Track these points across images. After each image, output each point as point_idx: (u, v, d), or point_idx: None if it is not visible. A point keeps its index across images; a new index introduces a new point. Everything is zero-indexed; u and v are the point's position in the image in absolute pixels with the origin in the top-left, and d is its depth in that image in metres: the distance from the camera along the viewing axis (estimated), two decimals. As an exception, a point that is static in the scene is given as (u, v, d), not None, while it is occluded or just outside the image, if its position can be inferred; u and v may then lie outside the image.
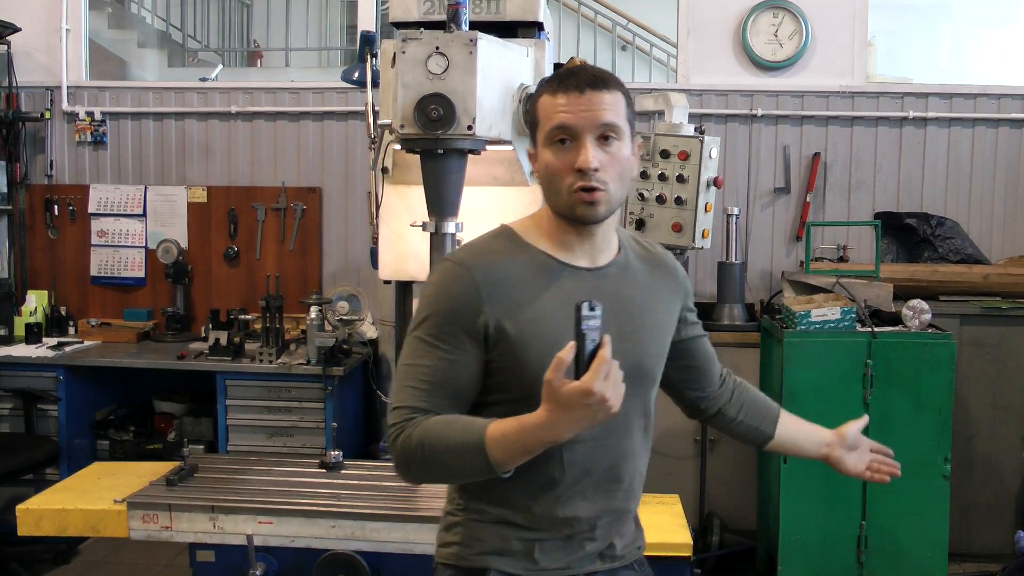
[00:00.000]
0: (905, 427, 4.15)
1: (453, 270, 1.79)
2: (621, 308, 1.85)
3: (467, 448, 1.68)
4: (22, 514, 3.21)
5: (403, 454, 1.74)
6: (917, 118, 5.27)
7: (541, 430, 1.64)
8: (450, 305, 1.76)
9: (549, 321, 1.76)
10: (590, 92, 1.75)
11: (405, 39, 2.59)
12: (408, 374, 1.78)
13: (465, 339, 1.76)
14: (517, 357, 1.75)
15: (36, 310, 5.46)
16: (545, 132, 1.78)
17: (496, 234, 1.87)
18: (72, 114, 5.62)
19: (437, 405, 1.76)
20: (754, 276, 5.31)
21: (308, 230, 5.47)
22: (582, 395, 1.57)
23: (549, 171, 1.78)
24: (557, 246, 1.84)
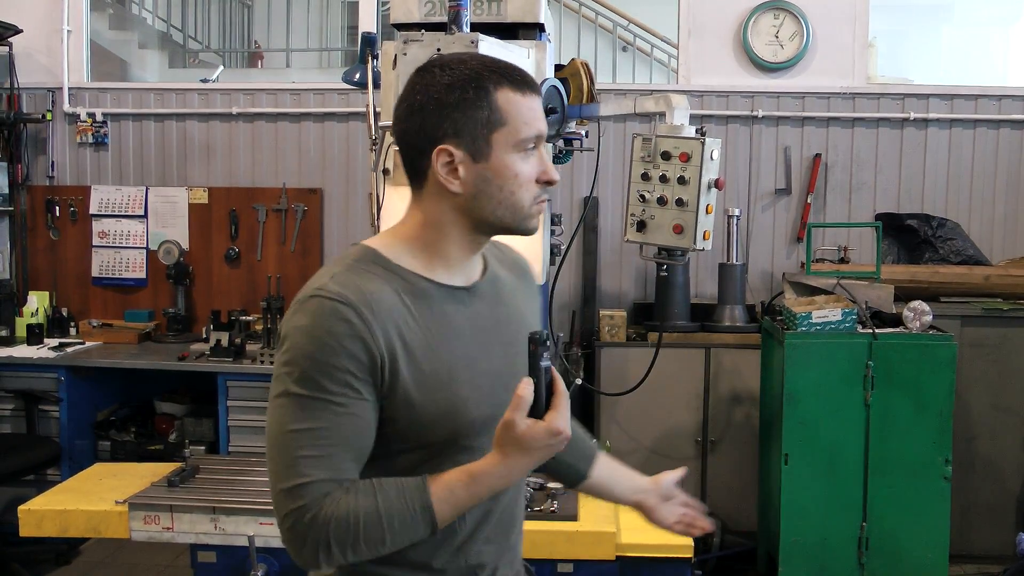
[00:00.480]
0: (906, 428, 4.15)
1: (329, 307, 1.48)
2: (503, 328, 1.67)
3: (411, 514, 1.48)
4: (24, 515, 3.21)
5: (324, 539, 1.46)
6: (918, 119, 5.28)
7: (496, 478, 1.49)
8: (338, 351, 1.46)
9: (442, 355, 1.55)
10: (539, 99, 1.61)
11: (406, 41, 2.59)
12: (298, 442, 1.46)
13: (360, 386, 1.48)
14: (412, 403, 1.52)
15: (37, 311, 5.46)
16: (520, 137, 1.56)
17: (360, 257, 1.58)
18: (73, 115, 5.63)
19: (343, 471, 1.48)
20: (755, 277, 5.31)
21: (309, 231, 5.48)
22: (550, 435, 1.45)
23: (519, 180, 1.56)
24: (431, 264, 1.60)
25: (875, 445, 4.15)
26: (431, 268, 1.60)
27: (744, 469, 4.83)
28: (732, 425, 4.85)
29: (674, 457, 4.84)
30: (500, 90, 1.55)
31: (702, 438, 4.84)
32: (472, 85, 1.55)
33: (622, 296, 5.40)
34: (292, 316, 1.51)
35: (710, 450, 4.84)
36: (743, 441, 4.83)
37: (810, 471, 4.18)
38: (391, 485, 1.49)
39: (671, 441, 4.84)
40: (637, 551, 2.95)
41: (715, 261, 5.02)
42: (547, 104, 2.87)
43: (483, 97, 1.55)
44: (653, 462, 4.84)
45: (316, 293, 1.50)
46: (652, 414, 4.79)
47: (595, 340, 4.89)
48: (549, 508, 2.97)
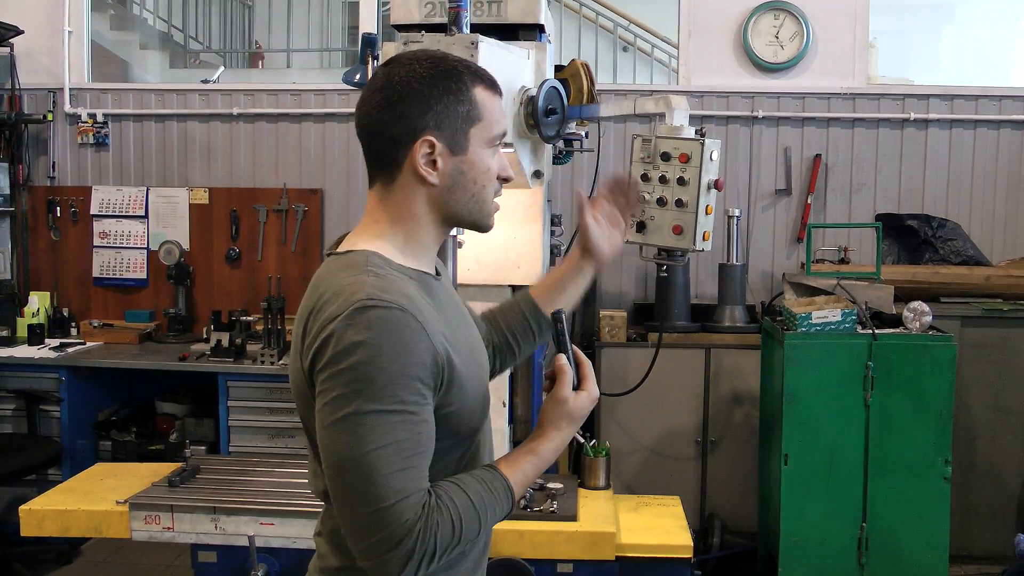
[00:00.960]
0: (906, 429, 4.14)
1: (391, 317, 1.44)
2: (464, 308, 1.78)
3: (498, 502, 1.55)
4: (25, 515, 3.21)
5: (429, 547, 1.45)
6: (918, 120, 5.28)
7: (555, 450, 1.62)
8: (405, 359, 1.44)
9: (463, 343, 1.61)
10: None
11: (406, 42, 2.60)
12: (383, 460, 1.42)
13: (426, 391, 1.47)
14: (467, 393, 1.56)
15: (38, 311, 5.47)
16: (491, 133, 1.62)
17: (378, 264, 1.55)
18: (74, 116, 5.63)
19: (427, 478, 1.49)
20: (755, 278, 5.31)
21: (310, 231, 5.48)
22: (592, 402, 1.61)
23: (488, 176, 1.63)
24: (413, 255, 1.63)
25: (875, 446, 4.16)
26: (417, 261, 1.63)
27: (744, 469, 4.83)
28: (732, 425, 4.85)
29: (674, 457, 4.85)
30: (476, 87, 1.60)
31: (702, 438, 4.84)
32: (453, 80, 1.58)
33: (622, 296, 5.40)
34: (344, 331, 1.44)
35: (710, 450, 4.85)
36: (743, 441, 4.84)
37: (810, 471, 4.18)
38: (470, 479, 1.55)
39: (671, 441, 4.84)
40: (637, 551, 2.96)
41: (715, 261, 5.03)
42: (547, 105, 2.88)
43: (464, 92, 1.58)
44: (653, 462, 4.85)
45: (368, 304, 1.44)
46: (652, 414, 4.79)
47: (595, 340, 4.89)
48: (549, 508, 2.97)
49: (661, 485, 4.68)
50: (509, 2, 3.16)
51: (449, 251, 2.64)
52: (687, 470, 4.85)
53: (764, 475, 4.65)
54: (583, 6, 8.35)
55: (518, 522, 2.90)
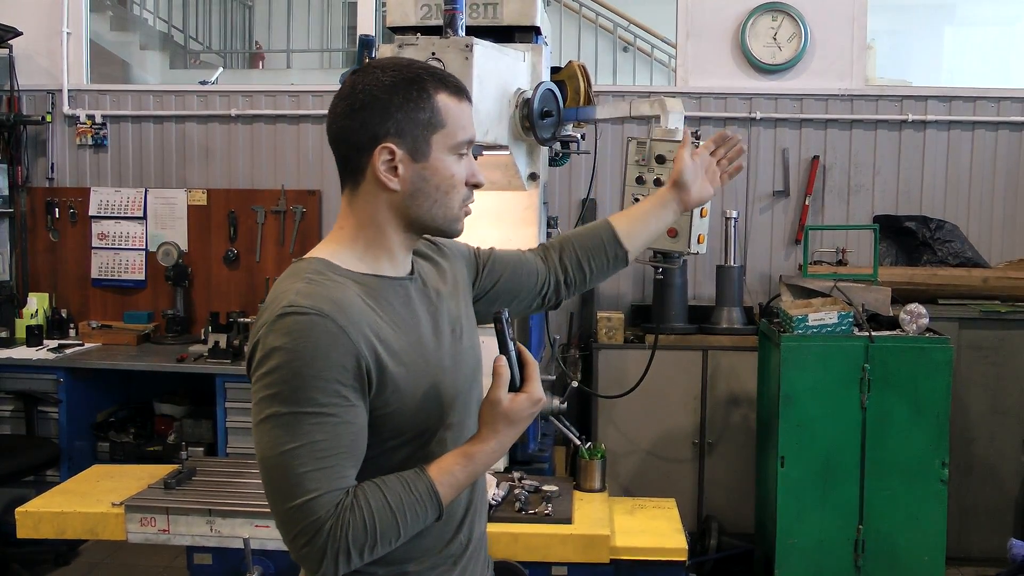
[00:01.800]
0: (903, 431, 4.15)
1: (307, 322, 1.49)
2: (439, 307, 1.73)
3: (418, 502, 1.53)
4: (21, 517, 3.21)
5: (341, 546, 1.48)
6: (916, 121, 5.28)
7: (490, 454, 1.58)
8: (322, 363, 1.48)
9: (414, 346, 1.61)
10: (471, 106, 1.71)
11: (402, 45, 2.60)
12: (296, 459, 1.47)
13: (350, 394, 1.51)
14: (406, 394, 1.57)
15: (37, 312, 5.48)
16: (457, 140, 1.63)
17: (316, 270, 1.59)
18: (73, 117, 5.64)
19: (348, 479, 1.52)
20: (753, 279, 5.31)
21: (308, 233, 5.49)
22: (532, 404, 1.57)
23: (453, 182, 1.64)
24: (375, 261, 1.65)
25: (872, 448, 4.16)
26: (377, 265, 1.65)
27: (741, 471, 4.83)
28: (729, 427, 4.86)
29: (671, 459, 4.85)
30: (439, 94, 1.62)
31: (699, 440, 4.84)
32: (415, 87, 1.61)
33: (620, 298, 5.40)
34: (266, 336, 1.50)
35: (707, 452, 4.85)
36: (740, 443, 4.84)
37: (807, 473, 4.19)
38: (393, 480, 1.54)
39: (668, 443, 4.84)
40: (632, 554, 2.96)
41: (713, 263, 5.03)
42: (543, 107, 2.88)
43: (425, 99, 1.61)
44: (650, 464, 4.85)
45: (288, 311, 1.50)
46: (650, 416, 4.79)
47: (593, 342, 4.90)
48: (544, 511, 2.97)
49: (658, 487, 4.68)
50: (505, 4, 3.16)
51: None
52: (684, 472, 4.85)
53: (761, 477, 4.65)
54: (583, 6, 8.36)
55: (513, 524, 2.90)
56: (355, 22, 6.63)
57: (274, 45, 8.81)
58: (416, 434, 1.61)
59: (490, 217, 3.02)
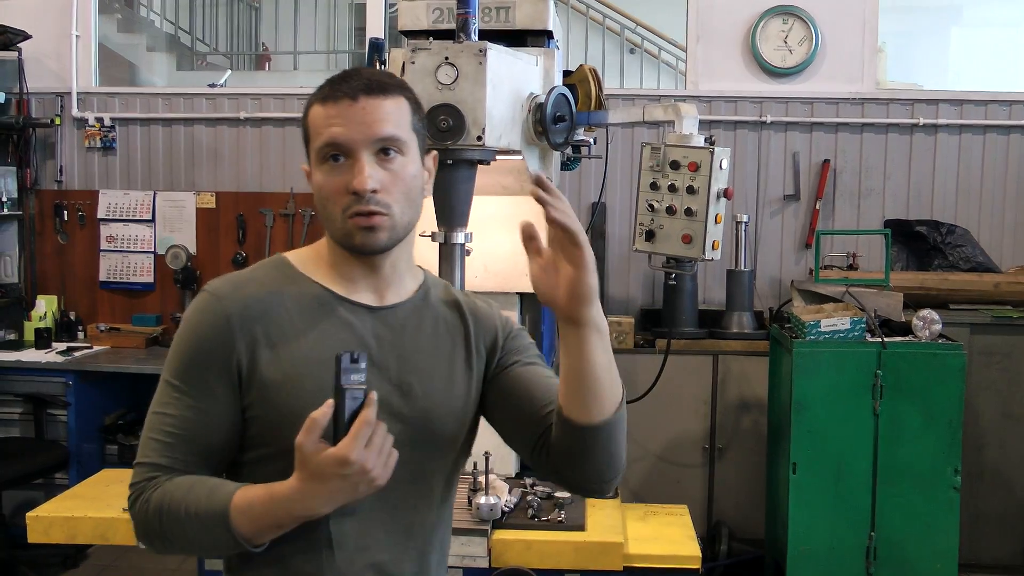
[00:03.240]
0: (915, 438, 4.13)
1: (204, 301, 1.53)
2: (405, 356, 1.58)
3: (210, 518, 1.43)
4: (32, 521, 3.20)
5: (141, 521, 1.47)
6: (927, 125, 5.25)
7: (292, 502, 1.40)
8: (197, 343, 1.50)
9: (315, 364, 1.49)
10: (365, 100, 1.51)
11: (415, 49, 2.59)
12: (152, 424, 1.51)
13: (215, 383, 1.49)
14: (274, 404, 1.49)
15: (46, 315, 5.47)
16: (315, 149, 1.53)
17: (265, 262, 1.63)
18: (82, 120, 5.64)
19: (183, 463, 1.48)
20: (763, 284, 5.29)
21: (317, 236, 5.31)
22: (337, 464, 1.35)
23: (322, 194, 1.53)
24: (336, 278, 1.59)
25: (884, 454, 4.14)
26: (334, 280, 1.59)
27: (752, 477, 4.81)
28: (740, 432, 4.84)
29: (681, 464, 4.83)
30: (313, 106, 1.55)
31: (710, 445, 4.83)
32: (307, 103, 1.58)
33: (630, 302, 5.39)
34: (188, 306, 1.58)
35: (718, 457, 4.83)
36: (751, 449, 4.82)
37: (818, 480, 4.17)
38: (208, 485, 1.46)
39: (679, 448, 4.83)
40: (644, 562, 2.94)
41: (723, 268, 5.01)
42: (556, 112, 2.87)
43: (305, 115, 1.58)
44: (661, 469, 4.83)
45: (204, 288, 1.56)
46: (660, 421, 4.78)
47: (603, 346, 4.87)
48: (556, 518, 2.96)
49: (668, 492, 4.67)
50: (517, 8, 3.15)
51: (456, 259, 2.64)
52: (694, 477, 4.84)
53: (772, 483, 4.63)
54: (590, 8, 8.35)
55: (525, 532, 2.89)
56: (362, 23, 6.63)
57: (280, 47, 8.81)
58: (281, 451, 1.45)
59: (502, 222, 3.00)
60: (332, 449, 1.35)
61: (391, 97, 1.53)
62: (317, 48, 8.65)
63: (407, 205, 1.55)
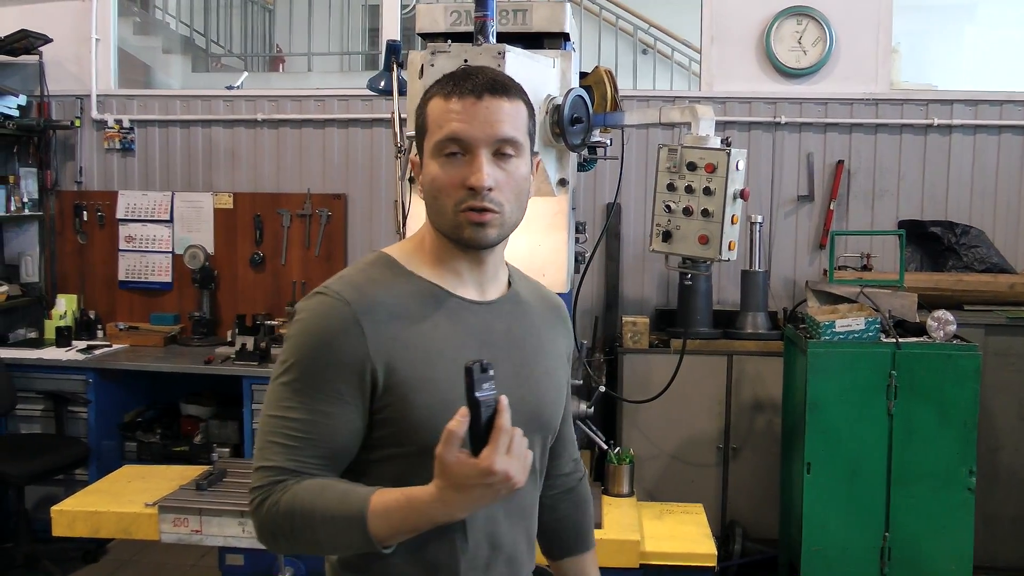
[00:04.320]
0: (929, 439, 4.14)
1: (328, 304, 1.52)
2: (515, 349, 1.63)
3: (345, 520, 1.43)
4: (56, 515, 3.26)
5: (269, 523, 1.48)
6: (942, 125, 5.26)
7: (433, 510, 1.40)
8: (325, 346, 1.49)
9: (444, 362, 1.52)
10: (489, 99, 1.53)
11: (434, 52, 2.62)
12: (273, 427, 1.51)
13: (344, 388, 1.50)
14: (413, 405, 1.50)
15: (66, 314, 5.54)
16: (434, 141, 1.54)
17: (372, 262, 1.62)
18: (101, 122, 5.70)
19: (308, 465, 1.50)
20: (777, 284, 5.31)
21: (333, 236, 5.52)
22: (481, 475, 1.35)
23: (435, 186, 1.54)
24: (442, 273, 1.60)
25: (898, 455, 4.15)
26: (440, 276, 1.60)
27: (766, 477, 4.83)
28: (754, 432, 4.86)
29: (696, 464, 4.85)
30: (433, 99, 1.57)
31: (724, 445, 4.85)
32: (424, 94, 1.61)
33: (645, 302, 5.41)
34: (298, 311, 1.56)
35: (732, 457, 4.85)
36: (765, 448, 4.84)
37: (832, 480, 4.18)
38: (339, 489, 1.47)
39: (693, 448, 4.85)
40: (660, 559, 2.97)
41: (738, 268, 5.03)
42: (573, 114, 2.89)
43: (423, 107, 1.60)
44: (675, 469, 4.85)
45: (319, 291, 1.54)
46: (674, 421, 4.80)
47: (618, 346, 4.90)
48: (573, 516, 2.98)
49: (682, 491, 4.69)
50: (534, 11, 3.18)
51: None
52: (708, 477, 4.86)
53: (786, 483, 4.64)
54: (603, 9, 8.36)
55: (543, 529, 2.92)
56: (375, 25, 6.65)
57: (294, 48, 8.85)
58: (412, 452, 1.51)
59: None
60: (475, 460, 1.35)
61: (512, 99, 1.56)
62: (331, 50, 8.69)
63: (516, 205, 1.58)
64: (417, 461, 1.48)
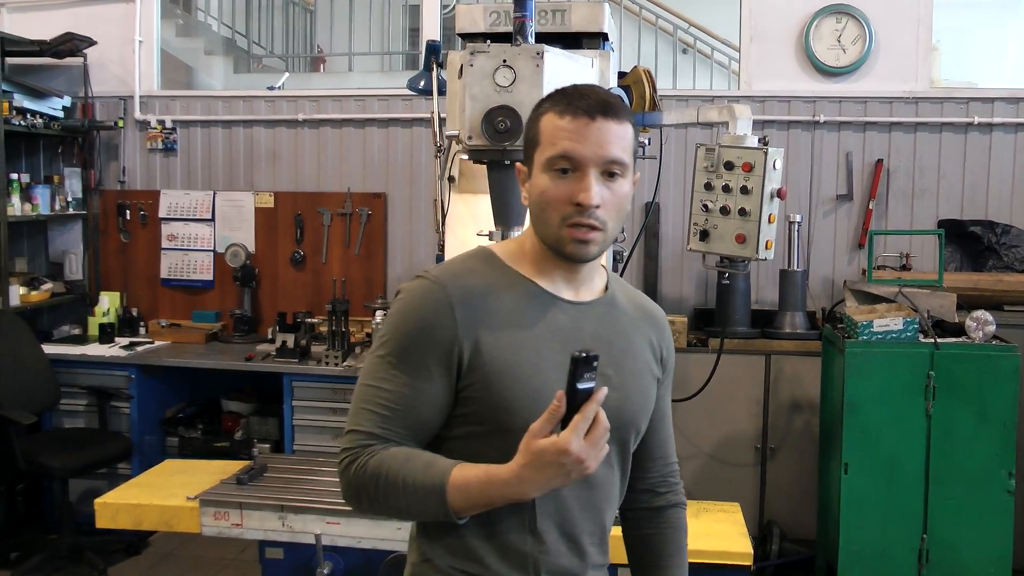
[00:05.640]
0: (968, 440, 4.11)
1: (426, 287, 1.63)
2: (603, 347, 1.66)
3: (426, 489, 1.54)
4: (100, 507, 3.33)
5: (355, 483, 1.60)
6: (982, 124, 5.20)
7: (508, 486, 1.51)
8: (419, 326, 1.61)
9: (529, 351, 1.62)
10: (601, 121, 1.60)
11: (473, 52, 2.64)
12: (366, 396, 1.62)
13: (433, 366, 1.60)
14: (492, 387, 1.59)
15: (109, 311, 5.63)
16: (546, 157, 1.61)
17: (475, 254, 1.73)
18: (144, 122, 5.79)
19: (396, 434, 1.61)
20: (816, 284, 5.28)
21: (373, 235, 5.56)
22: (557, 453, 1.44)
23: (544, 199, 1.62)
24: (539, 274, 1.69)
25: (936, 456, 4.12)
26: (537, 275, 1.69)
27: (803, 477, 4.81)
28: (792, 432, 4.84)
29: (733, 463, 4.85)
30: (546, 114, 1.64)
31: (761, 445, 4.83)
32: (535, 108, 1.69)
33: (683, 301, 5.41)
34: (399, 292, 1.67)
35: (769, 457, 4.84)
36: (803, 448, 4.82)
37: (870, 481, 4.16)
38: (423, 459, 1.58)
39: (731, 447, 4.84)
40: (697, 557, 2.96)
41: (776, 268, 5.01)
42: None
43: (535, 120, 1.67)
44: (712, 468, 4.85)
45: (420, 274, 1.66)
46: (712, 420, 4.79)
47: (655, 345, 4.89)
48: (609, 513, 3.00)
49: (720, 491, 4.68)
50: (573, 11, 3.19)
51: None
52: (746, 476, 4.85)
53: (824, 483, 4.62)
54: (643, 9, 8.35)
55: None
56: (415, 24, 6.69)
57: (335, 49, 8.92)
58: (496, 429, 1.60)
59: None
60: (552, 438, 1.44)
61: (622, 122, 1.62)
62: (371, 50, 8.75)
63: (617, 222, 1.65)
64: (492, 440, 1.60)
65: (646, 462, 1.90)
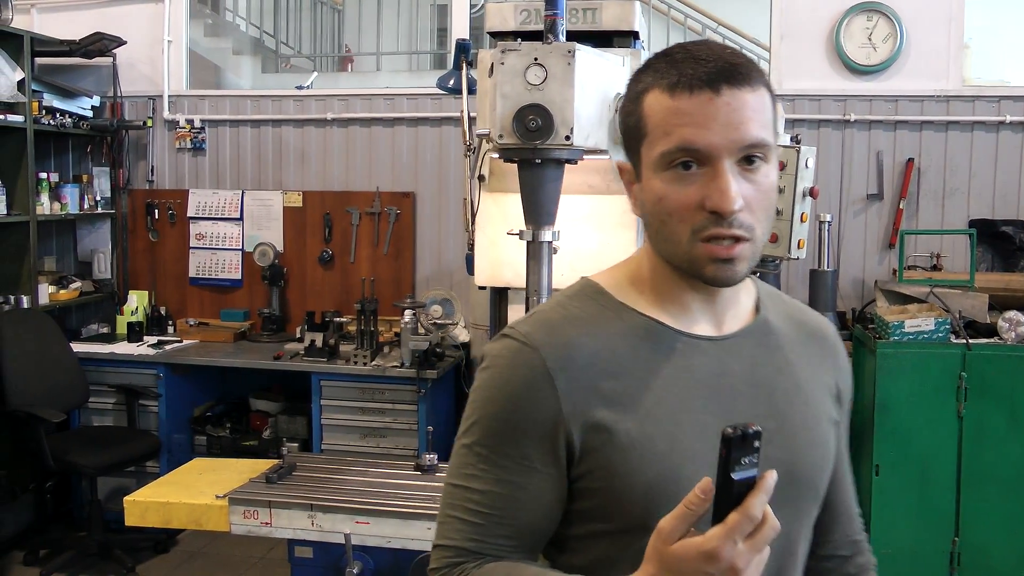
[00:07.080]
0: (1000, 441, 4.07)
1: (514, 352, 1.22)
2: (761, 395, 1.26)
3: None
4: (129, 505, 3.34)
5: None
6: (1015, 122, 5.14)
7: None
8: (509, 404, 1.21)
9: (662, 418, 1.19)
10: (728, 92, 1.14)
11: (504, 50, 2.63)
12: (454, 499, 1.25)
13: (534, 454, 1.20)
14: (619, 473, 1.18)
15: (137, 309, 5.67)
16: (659, 152, 1.17)
17: (575, 293, 1.29)
18: (173, 122, 5.83)
19: (493, 546, 1.22)
20: (846, 284, 5.24)
21: (402, 234, 5.57)
22: (702, 559, 1.00)
23: (663, 208, 1.17)
24: (665, 305, 1.26)
25: (968, 458, 4.08)
26: (661, 308, 1.26)
27: (832, 478, 4.76)
28: (821, 433, 4.79)
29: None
30: (650, 91, 1.19)
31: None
32: (630, 85, 1.24)
33: (710, 301, 5.36)
34: (484, 357, 1.28)
35: (798, 458, 4.80)
36: (832, 450, 4.77)
37: (901, 482, 4.13)
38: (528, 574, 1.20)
39: (758, 448, 4.80)
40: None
41: (806, 267, 4.97)
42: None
43: (635, 101, 1.21)
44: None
45: (506, 332, 1.26)
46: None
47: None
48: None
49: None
50: (604, 9, 3.18)
51: (544, 257, 2.68)
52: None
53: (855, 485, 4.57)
54: (671, 8, 8.32)
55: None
56: (444, 24, 6.69)
57: (363, 48, 8.94)
58: (623, 528, 1.20)
59: (588, 221, 3.04)
60: (698, 539, 1.01)
61: (756, 87, 1.16)
62: (399, 49, 8.77)
63: (768, 223, 1.21)
64: (627, 540, 1.19)
65: (828, 524, 1.44)
